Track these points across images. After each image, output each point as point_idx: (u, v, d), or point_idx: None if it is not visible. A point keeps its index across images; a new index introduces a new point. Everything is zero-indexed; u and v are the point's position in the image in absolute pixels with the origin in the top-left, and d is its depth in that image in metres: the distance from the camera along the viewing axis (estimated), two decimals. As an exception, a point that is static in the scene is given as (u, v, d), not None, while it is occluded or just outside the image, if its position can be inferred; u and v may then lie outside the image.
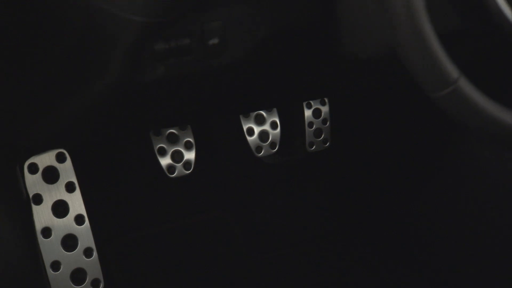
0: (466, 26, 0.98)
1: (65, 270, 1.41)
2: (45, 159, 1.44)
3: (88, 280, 1.42)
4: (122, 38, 0.94)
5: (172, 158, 1.59)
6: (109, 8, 0.91)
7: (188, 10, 1.00)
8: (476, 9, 0.96)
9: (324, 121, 1.76)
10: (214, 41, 1.07)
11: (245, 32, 1.10)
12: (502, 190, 1.64)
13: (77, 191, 1.47)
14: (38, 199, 1.44)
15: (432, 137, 1.73)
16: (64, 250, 1.44)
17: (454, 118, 0.94)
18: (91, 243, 1.47)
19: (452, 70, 0.90)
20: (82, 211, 1.47)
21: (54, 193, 1.45)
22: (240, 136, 1.67)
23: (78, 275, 1.41)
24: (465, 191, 1.71)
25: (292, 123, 1.75)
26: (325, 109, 1.76)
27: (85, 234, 1.47)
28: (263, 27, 1.12)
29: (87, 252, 1.46)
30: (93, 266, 1.44)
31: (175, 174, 1.59)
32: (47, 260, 1.42)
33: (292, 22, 1.14)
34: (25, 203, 1.41)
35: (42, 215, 1.44)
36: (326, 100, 1.75)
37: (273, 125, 1.71)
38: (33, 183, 1.43)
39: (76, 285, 1.40)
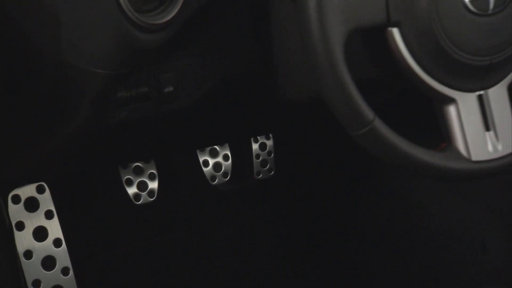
0: (381, 75, 0.99)
1: (45, 287, 1.41)
2: (27, 191, 1.44)
3: None
4: (89, 88, 0.94)
5: (138, 187, 1.58)
6: (77, 63, 0.91)
7: (145, 63, 1.01)
8: (388, 62, 0.96)
9: (269, 153, 1.77)
10: (169, 89, 1.08)
11: (195, 81, 1.12)
12: (410, 203, 1.67)
13: (55, 218, 1.47)
14: (20, 226, 1.43)
15: (360, 166, 1.75)
16: (43, 269, 1.44)
17: (372, 153, 0.94)
18: (68, 263, 1.46)
19: (368, 112, 0.90)
20: (60, 235, 1.47)
21: (34, 220, 1.45)
22: (196, 167, 1.68)
23: None
24: (386, 210, 1.74)
25: (241, 155, 1.76)
26: (269, 142, 1.77)
27: (62, 255, 1.46)
28: (211, 77, 1.13)
29: (64, 271, 1.46)
30: (70, 283, 1.44)
31: (140, 201, 1.58)
32: (29, 279, 1.42)
33: (236, 72, 1.15)
34: (7, 230, 1.41)
35: (24, 240, 1.43)
36: (271, 135, 1.76)
37: (225, 157, 1.72)
38: (16, 212, 1.43)
39: (55, 300, 1.41)
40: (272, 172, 1.78)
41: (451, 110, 0.98)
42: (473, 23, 0.93)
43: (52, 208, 1.46)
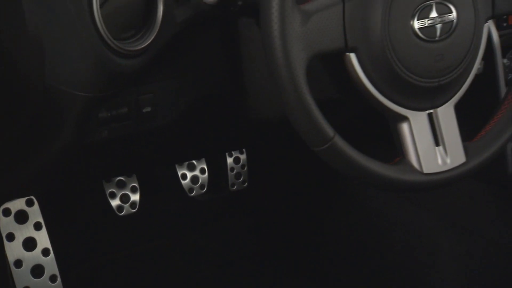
0: (341, 96, 1.00)
1: (35, 294, 1.40)
2: (17, 204, 1.43)
3: None
4: (71, 109, 0.94)
5: (121, 200, 1.57)
6: (60, 87, 0.91)
7: (124, 86, 1.01)
8: (347, 84, 0.97)
9: (242, 166, 1.77)
10: (147, 109, 1.08)
11: (172, 101, 1.12)
12: (371, 211, 1.68)
13: (44, 229, 1.45)
14: (11, 237, 1.42)
15: (327, 178, 1.75)
16: (33, 277, 1.43)
17: (333, 167, 0.95)
18: (56, 271, 1.45)
19: (328, 130, 0.91)
20: (48, 245, 1.45)
21: (24, 231, 1.44)
22: (175, 180, 1.67)
23: None
24: (350, 218, 1.75)
25: (217, 169, 1.75)
26: (243, 156, 1.77)
27: (50, 264, 1.45)
28: (186, 98, 1.13)
29: (52, 279, 1.45)
30: None
31: (123, 212, 1.57)
32: (19, 286, 1.40)
33: (209, 93, 1.16)
34: None
35: (14, 250, 1.42)
36: (244, 150, 1.77)
37: (202, 171, 1.71)
38: (7, 224, 1.42)
39: (43, 305, 1.40)
40: (246, 184, 1.77)
41: (404, 127, 0.98)
42: (423, 48, 0.95)
43: (41, 220, 1.45)
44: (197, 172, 1.70)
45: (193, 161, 1.69)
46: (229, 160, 1.75)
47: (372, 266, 1.67)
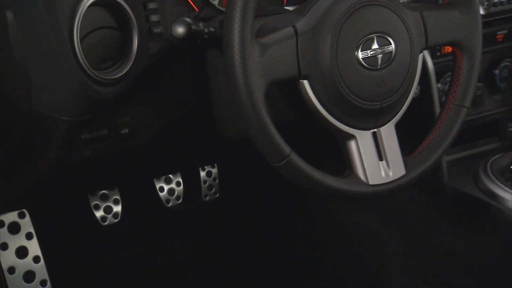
0: (297, 118, 1.01)
1: (27, 297, 1.39)
2: (10, 217, 1.42)
3: None
4: (56, 132, 0.94)
5: (104, 211, 1.56)
6: (45, 112, 0.91)
7: (103, 111, 1.01)
8: (302, 107, 0.97)
9: (214, 179, 1.77)
10: (125, 131, 1.08)
11: (147, 123, 1.11)
12: (328, 218, 1.70)
13: (35, 239, 1.44)
14: (4, 246, 1.41)
15: (289, 189, 1.76)
16: (25, 282, 1.42)
17: (290, 181, 0.95)
18: (46, 276, 1.44)
19: (285, 148, 0.91)
20: (39, 253, 1.44)
21: (17, 241, 1.43)
22: (154, 192, 1.66)
23: None
24: (310, 223, 1.76)
25: (191, 181, 1.74)
26: (214, 170, 1.76)
27: (41, 270, 1.44)
28: (160, 120, 1.13)
29: (43, 283, 1.45)
30: None
31: (106, 222, 1.57)
32: None
33: (181, 115, 1.16)
34: None
35: (7, 258, 1.41)
36: (215, 164, 1.77)
37: (178, 184, 1.71)
38: (1, 234, 1.41)
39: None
40: (217, 195, 1.77)
41: (352, 144, 0.99)
42: (366, 76, 0.95)
43: (32, 230, 1.44)
44: (173, 185, 1.70)
45: (170, 175, 1.69)
46: (202, 174, 1.75)
47: (328, 263, 1.68)
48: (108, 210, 1.57)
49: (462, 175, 1.32)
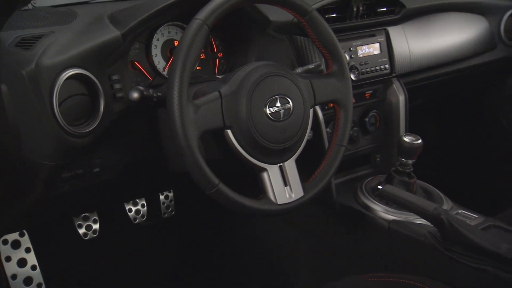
0: (225, 156, 1.01)
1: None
2: (12, 236, 1.38)
3: None
4: (41, 173, 0.92)
5: (86, 228, 1.52)
6: (32, 158, 0.89)
7: (78, 156, 0.99)
8: (228, 149, 0.97)
9: (170, 201, 1.73)
10: (97, 169, 1.06)
11: (113, 163, 1.10)
12: (254, 229, 1.68)
13: (32, 252, 1.40)
14: (8, 259, 1.37)
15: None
16: (25, 286, 1.37)
17: (221, 204, 0.94)
18: (41, 280, 1.40)
19: (214, 179, 0.91)
20: (35, 262, 1.40)
21: (18, 254, 1.38)
22: (124, 213, 1.63)
23: None
24: (242, 235, 1.74)
25: (153, 203, 1.71)
26: (171, 194, 1.73)
27: (37, 275, 1.40)
28: (124, 160, 1.11)
29: (39, 286, 1.40)
30: None
31: (88, 237, 1.52)
32: None
33: (140, 156, 1.14)
34: None
35: (11, 267, 1.37)
36: (171, 189, 1.72)
37: (143, 205, 1.66)
38: (5, 250, 1.37)
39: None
40: (173, 213, 1.74)
41: (265, 175, 1.00)
42: (273, 126, 0.97)
43: (30, 245, 1.40)
44: (139, 207, 1.66)
45: (136, 199, 1.65)
46: (161, 197, 1.72)
47: (255, 263, 1.67)
48: (88, 227, 1.53)
49: (346, 193, 1.33)
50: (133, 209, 1.66)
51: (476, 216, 1.17)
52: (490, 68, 1.72)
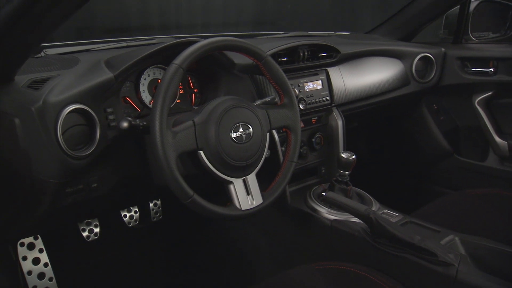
0: (198, 172, 0.99)
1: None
2: (28, 239, 1.33)
3: None
4: (48, 189, 0.90)
5: (88, 232, 1.46)
6: (41, 177, 0.87)
7: (79, 174, 0.97)
8: (201, 166, 0.96)
9: (159, 207, 1.66)
10: (94, 185, 1.03)
11: (108, 180, 1.07)
12: (227, 231, 1.66)
13: (44, 252, 1.35)
14: (25, 258, 1.32)
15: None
16: (38, 280, 1.33)
17: (197, 213, 0.93)
18: (52, 275, 1.34)
19: (189, 191, 0.89)
20: (47, 260, 1.35)
21: (32, 254, 1.34)
22: (120, 218, 1.58)
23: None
24: (217, 233, 1.71)
25: (144, 210, 1.65)
26: (159, 202, 1.66)
27: (49, 271, 1.35)
28: (116, 177, 1.09)
29: (50, 279, 1.35)
30: (54, 285, 1.34)
31: (90, 239, 1.46)
32: (30, 285, 1.29)
33: (130, 174, 1.12)
34: (17, 261, 1.28)
35: (27, 265, 1.32)
36: (159, 198, 1.69)
37: (135, 212, 1.62)
38: (22, 251, 1.32)
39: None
40: (161, 217, 1.69)
41: (231, 187, 0.99)
42: (237, 147, 0.96)
43: (42, 247, 1.35)
44: (132, 213, 1.62)
45: (130, 207, 1.62)
46: (151, 205, 1.67)
47: (227, 257, 1.65)
48: (91, 231, 1.48)
49: (298, 198, 1.33)
50: (128, 215, 1.62)
51: (397, 214, 1.19)
52: (405, 99, 1.77)
